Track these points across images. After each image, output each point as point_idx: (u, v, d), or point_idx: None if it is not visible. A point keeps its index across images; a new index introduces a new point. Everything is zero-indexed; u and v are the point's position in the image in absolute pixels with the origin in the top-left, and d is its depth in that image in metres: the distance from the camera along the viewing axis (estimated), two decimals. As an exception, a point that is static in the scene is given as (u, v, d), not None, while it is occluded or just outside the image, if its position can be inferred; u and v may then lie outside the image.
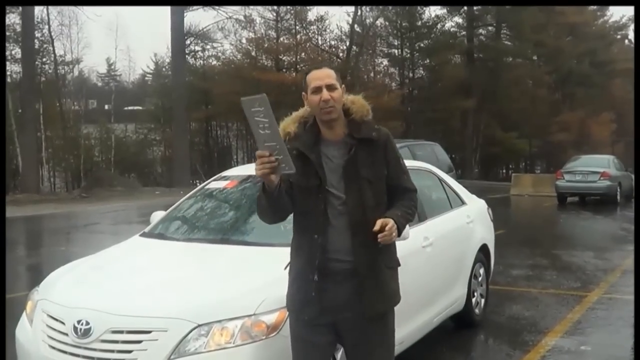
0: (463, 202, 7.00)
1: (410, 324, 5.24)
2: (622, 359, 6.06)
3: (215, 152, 50.04)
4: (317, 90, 3.20)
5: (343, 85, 3.31)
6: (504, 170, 54.75)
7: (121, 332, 3.82)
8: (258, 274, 4.23)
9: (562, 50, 47.16)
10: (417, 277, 5.42)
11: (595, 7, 52.52)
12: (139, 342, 3.76)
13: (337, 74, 3.29)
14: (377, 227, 3.09)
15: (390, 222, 3.12)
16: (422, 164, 7.03)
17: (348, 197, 3.23)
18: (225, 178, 5.96)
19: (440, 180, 6.87)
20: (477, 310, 6.80)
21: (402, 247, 5.07)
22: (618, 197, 22.27)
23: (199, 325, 3.74)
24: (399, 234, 3.21)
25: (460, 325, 6.64)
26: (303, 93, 3.31)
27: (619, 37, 56.63)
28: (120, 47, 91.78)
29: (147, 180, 43.43)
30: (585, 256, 11.57)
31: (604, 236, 14.92)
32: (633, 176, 22.57)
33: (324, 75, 3.23)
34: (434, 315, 5.78)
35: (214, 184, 5.94)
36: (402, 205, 3.31)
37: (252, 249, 4.72)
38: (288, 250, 4.56)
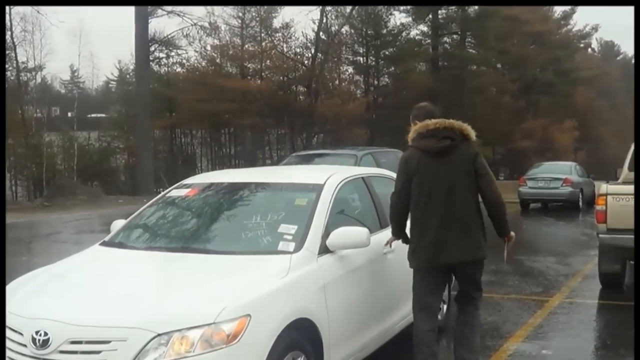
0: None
1: (372, 330, 5.28)
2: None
3: (180, 159, 49.64)
4: None
5: None
6: (468, 177, 54.97)
7: (80, 342, 3.79)
8: (218, 283, 4.20)
9: (526, 58, 47.67)
10: (379, 283, 5.45)
11: (559, 15, 53.39)
12: (98, 352, 3.73)
13: None
14: None
15: None
16: (385, 171, 7.07)
17: None
18: (186, 186, 5.91)
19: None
20: (439, 316, 6.82)
21: (363, 254, 5.13)
22: (580, 203, 22.55)
23: (159, 335, 3.70)
24: None
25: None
26: None
27: (582, 45, 57.58)
28: (83, 53, 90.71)
29: (110, 188, 42.90)
30: (547, 261, 11.71)
31: (566, 242, 15.09)
32: (595, 182, 22.85)
33: None
34: (396, 322, 5.81)
35: (175, 192, 5.86)
36: None
37: (212, 257, 4.69)
38: (249, 257, 4.59)
